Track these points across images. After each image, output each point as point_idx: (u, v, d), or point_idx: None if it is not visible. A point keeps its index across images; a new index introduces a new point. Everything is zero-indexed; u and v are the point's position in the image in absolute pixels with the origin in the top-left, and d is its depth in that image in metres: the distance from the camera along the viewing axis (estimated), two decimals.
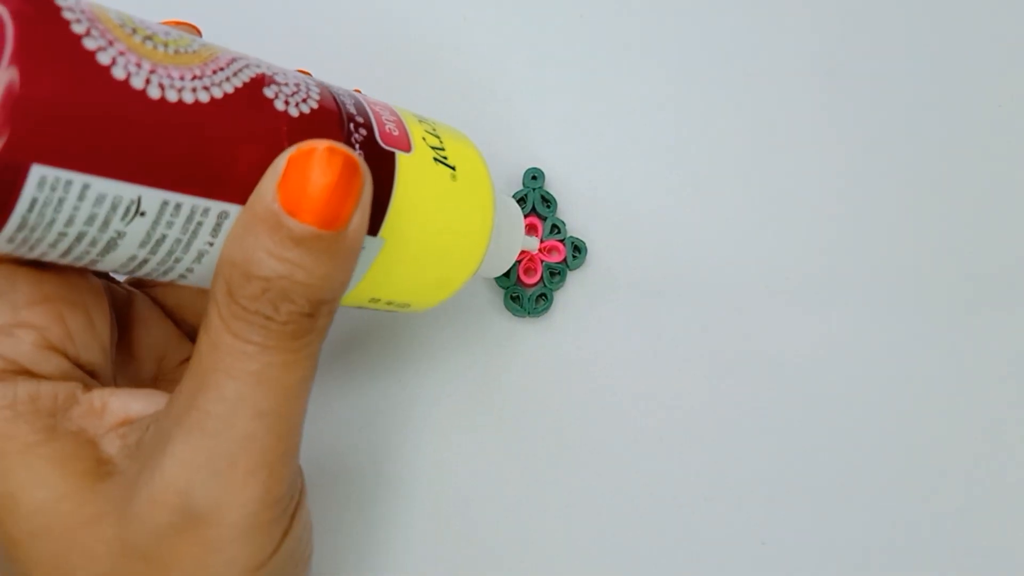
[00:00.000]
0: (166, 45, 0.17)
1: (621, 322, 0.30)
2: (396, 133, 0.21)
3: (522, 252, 0.30)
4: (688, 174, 0.31)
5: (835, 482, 0.29)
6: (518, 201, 0.30)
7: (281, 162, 0.17)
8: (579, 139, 0.31)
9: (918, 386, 0.29)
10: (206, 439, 0.18)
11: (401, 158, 0.21)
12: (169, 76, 0.17)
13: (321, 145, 0.17)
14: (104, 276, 0.23)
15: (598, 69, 0.31)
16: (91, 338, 0.20)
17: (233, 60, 0.18)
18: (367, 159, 0.19)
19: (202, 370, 0.18)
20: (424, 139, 0.22)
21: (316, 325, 0.18)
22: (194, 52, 0.18)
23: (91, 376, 0.20)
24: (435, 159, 0.22)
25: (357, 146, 0.20)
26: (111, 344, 0.21)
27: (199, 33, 0.22)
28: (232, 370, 0.18)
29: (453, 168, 0.22)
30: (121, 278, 0.25)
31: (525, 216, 0.30)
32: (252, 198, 0.17)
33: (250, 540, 0.18)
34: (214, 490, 0.18)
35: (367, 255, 0.20)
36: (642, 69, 0.31)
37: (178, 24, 0.21)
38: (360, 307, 0.23)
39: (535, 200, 0.30)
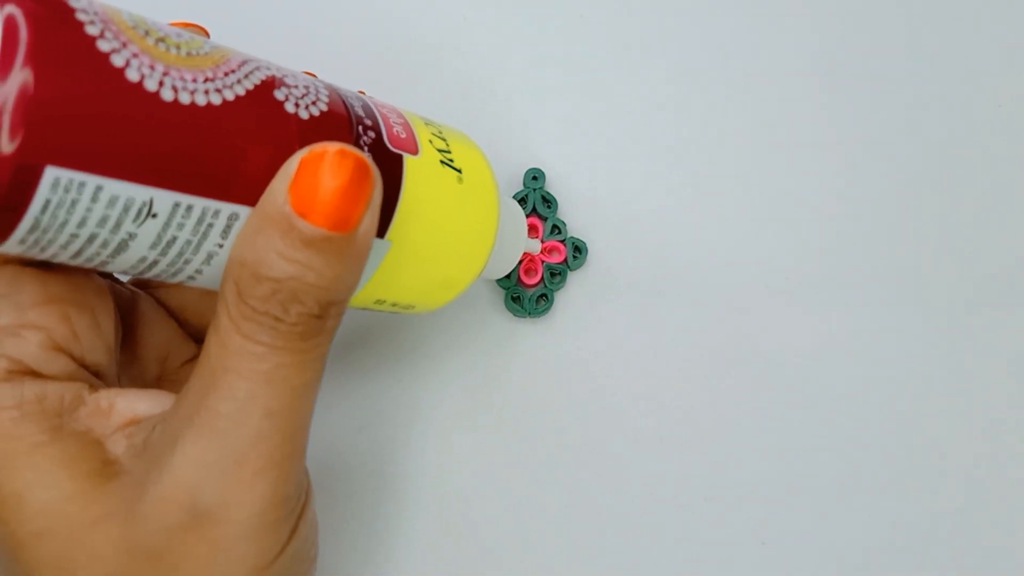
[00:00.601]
0: (178, 47, 0.17)
1: (621, 322, 0.30)
2: (404, 136, 0.21)
3: (523, 253, 0.30)
4: (688, 174, 0.31)
5: (835, 482, 0.29)
6: (518, 201, 0.30)
7: (292, 164, 0.17)
8: (579, 139, 0.31)
9: (918, 386, 0.29)
10: (216, 438, 0.18)
11: (408, 160, 0.21)
12: (182, 78, 0.17)
13: (332, 148, 0.17)
14: (108, 277, 0.23)
15: (598, 69, 0.31)
16: (96, 339, 0.20)
17: (244, 62, 0.18)
18: (376, 161, 0.19)
19: (211, 370, 0.18)
20: (431, 141, 0.22)
21: (325, 326, 0.18)
22: (205, 54, 0.18)
23: (96, 376, 0.20)
24: (442, 161, 0.22)
25: (366, 148, 0.20)
26: (116, 345, 0.21)
27: (207, 35, 0.22)
28: (242, 370, 0.18)
29: (459, 171, 0.22)
30: (126, 278, 0.25)
31: (526, 217, 0.30)
32: (263, 200, 0.17)
33: (258, 539, 0.19)
34: (223, 489, 0.18)
35: (374, 257, 0.20)
36: (642, 69, 0.31)
37: (186, 25, 0.21)
38: (365, 308, 0.23)
39: (535, 200, 0.30)
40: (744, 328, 0.30)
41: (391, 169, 0.20)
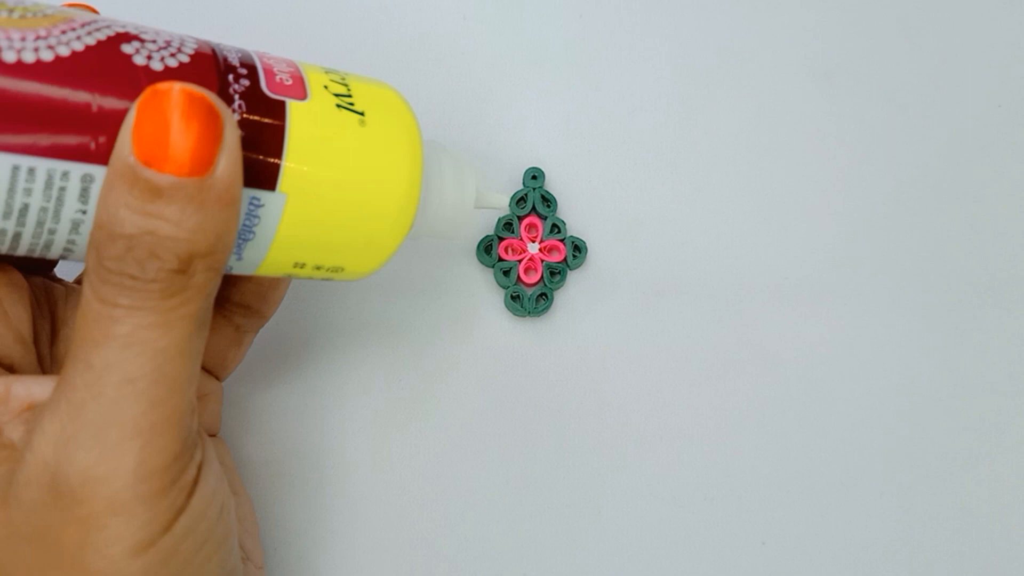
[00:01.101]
0: (11, 11, 0.17)
1: (621, 322, 0.30)
2: (289, 82, 0.20)
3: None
4: (688, 174, 0.31)
5: (835, 482, 0.29)
6: (518, 201, 0.30)
7: (132, 112, 0.17)
8: (579, 139, 0.31)
9: (918, 386, 0.29)
10: (72, 411, 0.17)
11: (293, 106, 0.20)
12: (8, 38, 0.16)
13: (172, 87, 0.17)
14: (42, 272, 0.23)
15: (598, 69, 0.31)
16: (5, 330, 0.20)
17: (91, 22, 0.18)
18: (250, 109, 0.19)
19: (72, 343, 0.17)
20: (326, 87, 0.21)
21: (191, 283, 0.17)
22: (45, 15, 0.17)
23: (10, 370, 0.20)
24: (338, 105, 0.21)
25: (237, 96, 0.19)
26: (42, 338, 0.21)
27: (95, 12, 0.21)
28: (99, 337, 0.17)
29: (361, 114, 0.21)
30: (70, 277, 0.24)
31: (525, 216, 0.30)
32: (112, 155, 0.17)
33: (131, 516, 0.17)
34: (82, 464, 0.17)
35: (270, 212, 0.19)
36: (642, 69, 0.31)
37: (73, 5, 0.21)
38: (289, 275, 0.22)
39: (535, 200, 0.30)
40: (744, 328, 0.30)
41: (271, 115, 0.19)
